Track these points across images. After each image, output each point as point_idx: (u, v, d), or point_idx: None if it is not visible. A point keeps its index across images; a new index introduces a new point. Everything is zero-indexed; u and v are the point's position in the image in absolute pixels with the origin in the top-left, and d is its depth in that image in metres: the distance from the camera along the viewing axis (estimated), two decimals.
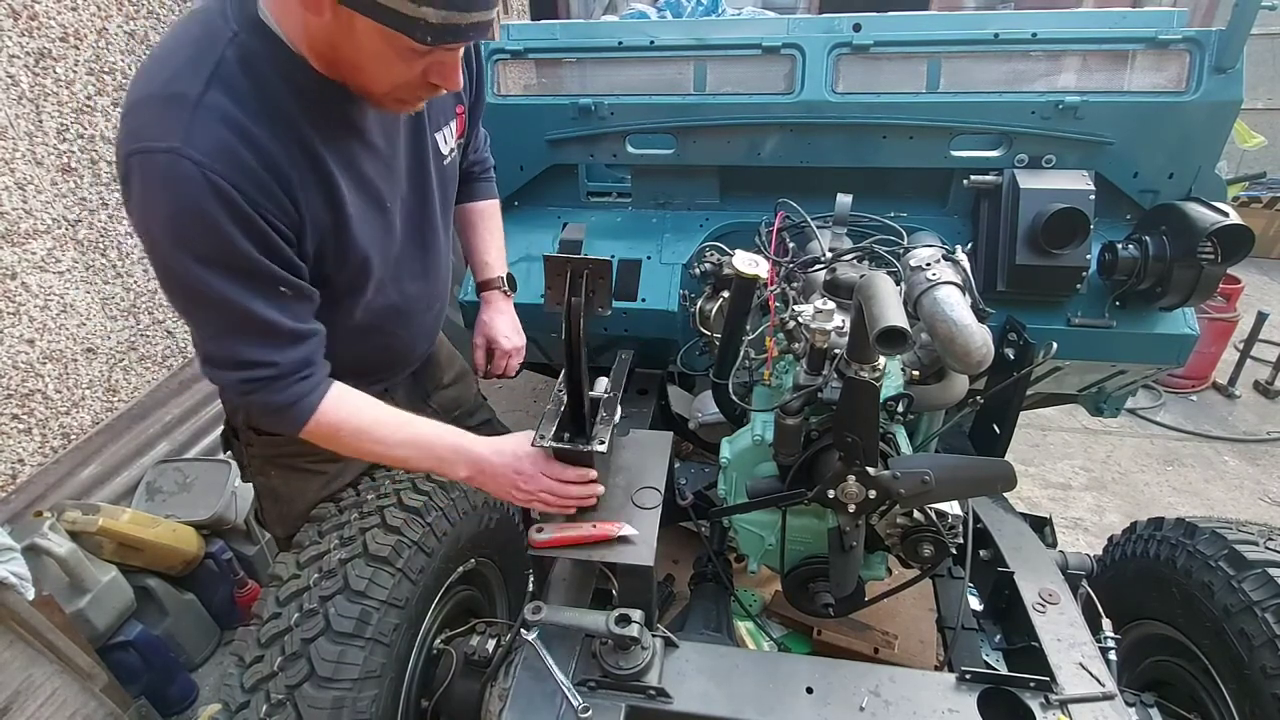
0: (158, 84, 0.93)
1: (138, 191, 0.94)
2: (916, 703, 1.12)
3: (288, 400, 1.08)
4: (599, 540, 1.25)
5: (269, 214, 1.00)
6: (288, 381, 1.07)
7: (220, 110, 0.93)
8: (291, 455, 1.40)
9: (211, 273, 0.97)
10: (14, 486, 2.05)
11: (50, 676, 1.71)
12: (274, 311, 1.03)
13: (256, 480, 1.48)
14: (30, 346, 2.06)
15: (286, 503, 1.46)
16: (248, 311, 1.01)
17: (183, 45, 0.96)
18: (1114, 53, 1.60)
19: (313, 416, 1.10)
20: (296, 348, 1.08)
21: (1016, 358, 1.59)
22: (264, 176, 0.98)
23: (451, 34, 0.90)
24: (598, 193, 2.07)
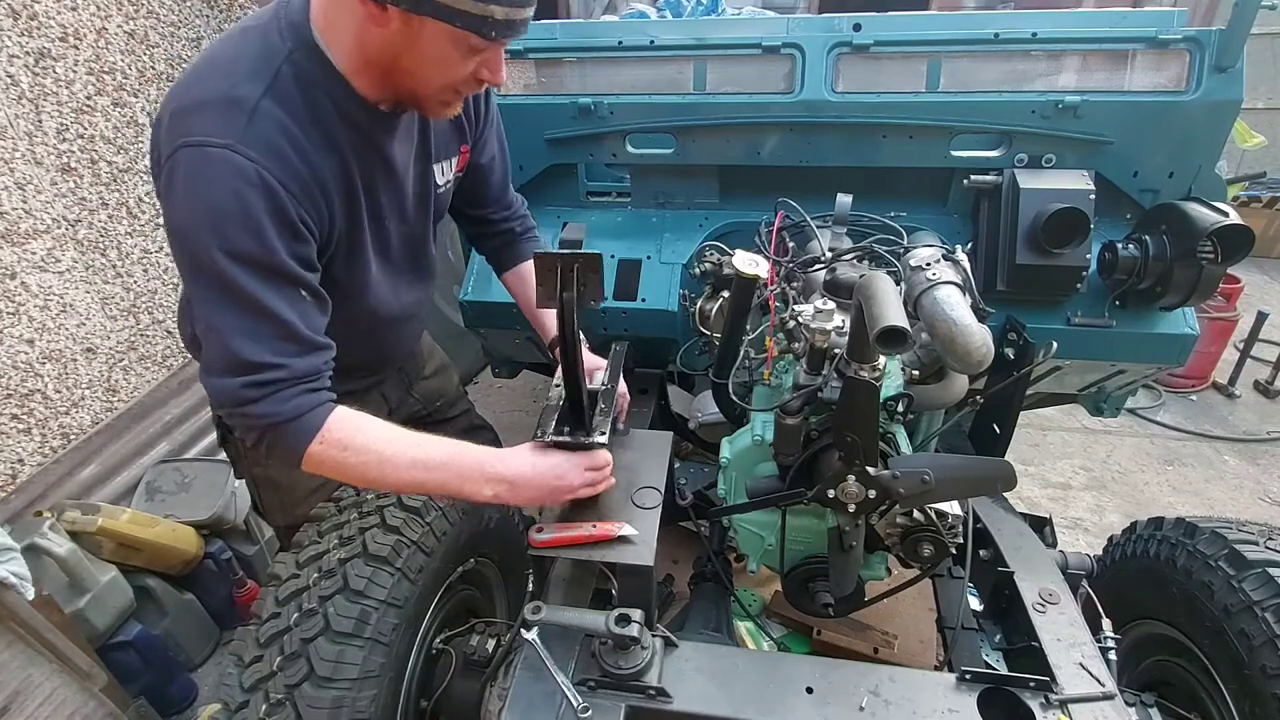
0: (217, 90, 0.99)
1: (182, 182, 0.98)
2: (916, 703, 1.12)
3: (294, 411, 1.04)
4: (599, 540, 1.25)
5: (305, 213, 1.05)
6: (296, 389, 1.05)
7: (275, 117, 1.00)
8: None
9: (241, 268, 0.99)
10: (14, 486, 2.05)
11: (49, 676, 1.71)
12: (293, 315, 1.04)
13: (254, 471, 1.49)
14: (30, 346, 2.06)
15: (286, 490, 1.48)
16: (269, 311, 1.02)
17: (241, 57, 1.02)
18: (1114, 52, 1.60)
19: (319, 432, 1.05)
20: (308, 356, 1.07)
21: (1016, 358, 1.59)
22: (308, 182, 1.04)
23: (511, 28, 0.98)
24: (597, 192, 2.06)
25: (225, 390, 1.04)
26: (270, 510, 1.54)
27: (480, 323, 1.98)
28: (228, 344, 1.02)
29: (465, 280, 1.94)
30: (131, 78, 2.27)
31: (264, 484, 1.50)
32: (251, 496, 1.60)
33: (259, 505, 1.59)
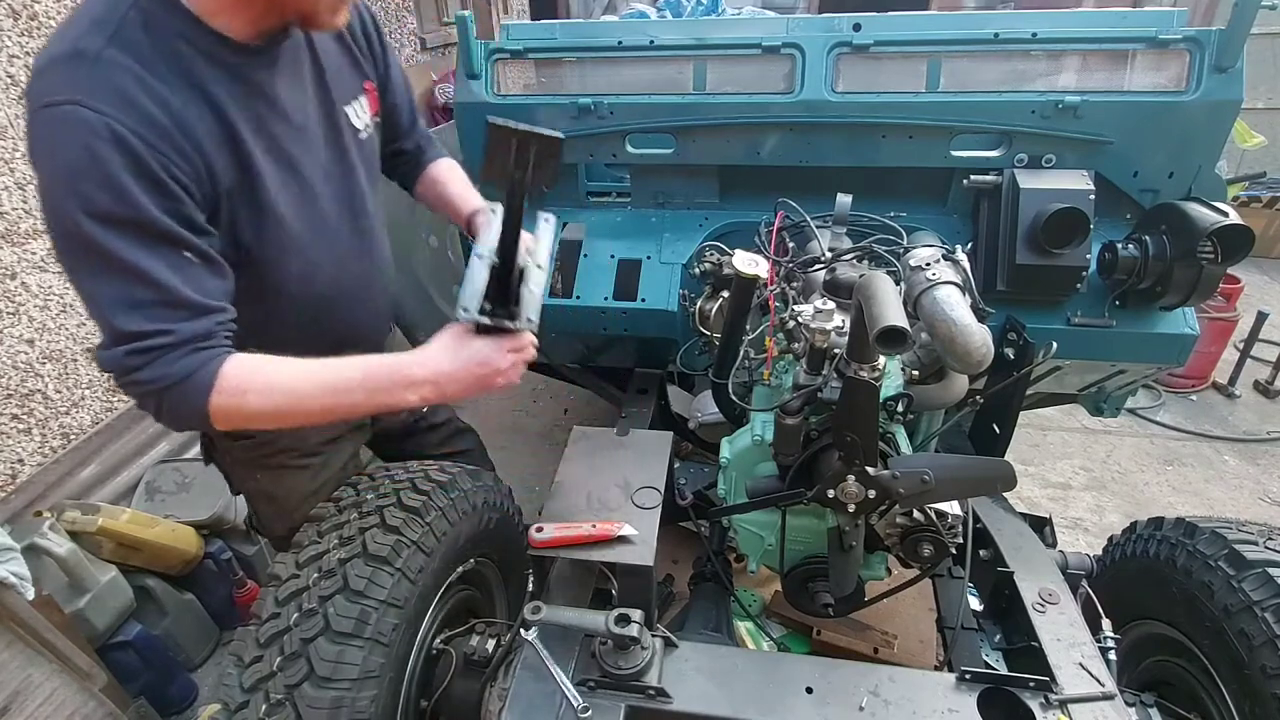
0: (62, 47, 0.93)
1: (37, 148, 0.92)
2: (916, 703, 1.12)
3: (182, 372, 0.97)
4: (599, 540, 1.26)
5: (173, 165, 0.96)
6: (183, 352, 0.98)
7: (121, 64, 0.93)
8: (274, 454, 1.39)
9: (108, 230, 0.92)
10: (14, 486, 2.05)
11: (49, 676, 1.71)
12: (175, 278, 0.97)
13: (245, 487, 1.46)
14: (30, 346, 2.06)
15: (280, 501, 1.46)
16: (145, 274, 0.95)
17: (85, 12, 0.95)
18: (1114, 52, 1.60)
19: (214, 386, 0.98)
20: (197, 320, 1.00)
21: (1016, 357, 1.59)
22: (167, 126, 0.95)
23: None
24: (597, 192, 2.07)
25: (109, 360, 0.98)
26: (268, 521, 1.51)
27: None
28: (105, 315, 0.97)
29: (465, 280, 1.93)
30: None
31: (258, 497, 1.48)
32: (249, 511, 1.57)
33: (255, 519, 1.56)
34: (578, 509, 1.36)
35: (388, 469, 1.40)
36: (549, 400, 3.90)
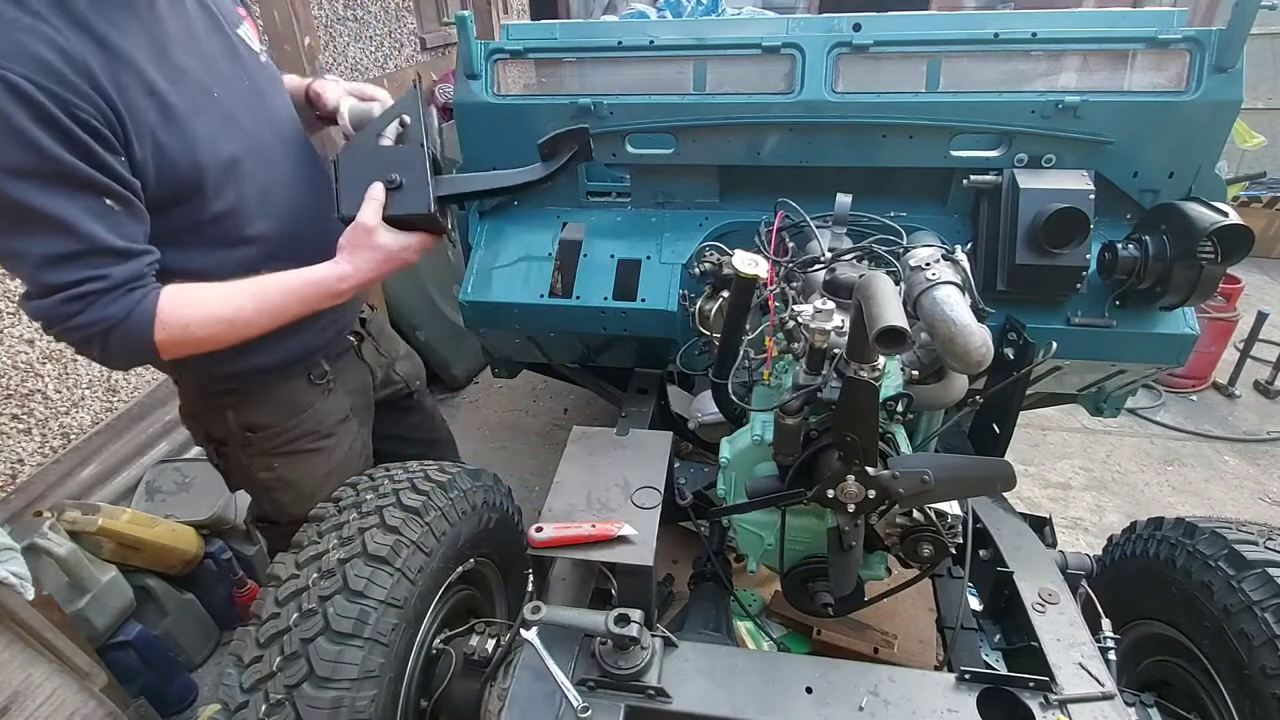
0: None
1: None
2: (916, 702, 1.12)
3: (122, 311, 1.00)
4: (598, 540, 1.26)
5: (78, 109, 0.96)
6: (118, 294, 1.01)
7: (6, 17, 0.93)
8: (293, 439, 1.43)
9: (27, 184, 0.93)
10: (14, 486, 2.05)
11: (49, 676, 1.71)
12: (99, 226, 0.99)
13: (261, 476, 1.47)
14: (30, 346, 2.06)
15: (298, 486, 1.49)
16: (70, 225, 0.96)
17: None
18: (1114, 52, 1.60)
19: (155, 320, 1.03)
20: (127, 264, 1.03)
21: (1016, 357, 1.59)
22: (62, 70, 0.94)
23: None
24: (597, 192, 2.06)
25: (42, 309, 0.99)
26: (287, 508, 1.52)
27: (480, 323, 1.98)
28: (33, 272, 0.97)
29: (465, 280, 1.94)
30: None
31: (276, 485, 1.49)
32: (259, 502, 1.56)
33: (268, 508, 1.55)
34: (578, 509, 1.36)
35: (388, 469, 1.40)
36: (549, 400, 3.91)
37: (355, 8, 3.94)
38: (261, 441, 1.41)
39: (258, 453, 1.43)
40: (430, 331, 3.75)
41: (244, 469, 1.47)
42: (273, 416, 1.41)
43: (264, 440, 1.41)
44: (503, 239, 1.97)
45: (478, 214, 1.99)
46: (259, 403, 1.39)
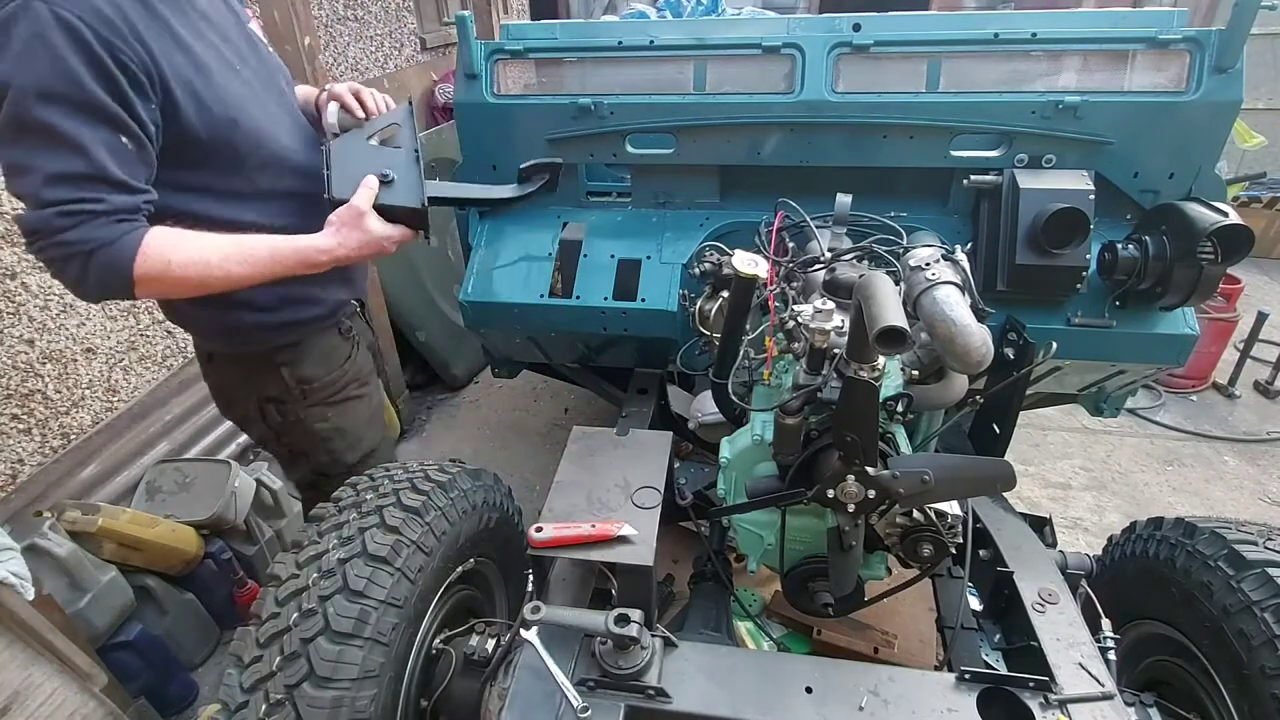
0: None
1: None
2: (916, 702, 1.12)
3: (109, 236, 1.07)
4: (598, 540, 1.26)
5: (120, 53, 1.06)
6: (110, 219, 1.08)
7: None
8: (339, 389, 1.57)
9: (57, 108, 1.02)
10: (14, 486, 2.05)
11: (50, 676, 1.71)
12: (110, 159, 1.07)
13: (317, 427, 1.57)
14: (30, 346, 2.06)
15: (350, 431, 1.62)
16: (84, 149, 1.04)
17: None
18: (1114, 53, 1.60)
19: (139, 251, 1.09)
20: (126, 196, 1.10)
21: (1016, 358, 1.59)
22: (111, 17, 1.06)
23: None
24: (597, 192, 2.07)
25: (37, 220, 1.05)
26: (341, 455, 1.63)
27: (480, 323, 1.98)
28: (37, 187, 1.04)
29: (465, 280, 1.94)
30: None
31: (332, 435, 1.59)
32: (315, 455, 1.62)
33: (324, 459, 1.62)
34: (578, 509, 1.36)
35: (388, 469, 1.41)
36: (549, 400, 3.90)
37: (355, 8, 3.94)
38: (316, 393, 1.51)
39: (313, 404, 1.53)
40: (430, 331, 3.75)
41: (301, 424, 1.55)
42: (321, 369, 1.52)
43: (318, 391, 1.51)
44: (503, 239, 1.97)
45: (478, 214, 1.99)
46: (307, 356, 1.50)
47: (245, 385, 1.51)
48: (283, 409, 1.53)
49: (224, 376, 1.54)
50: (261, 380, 1.49)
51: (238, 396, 1.55)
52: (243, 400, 1.54)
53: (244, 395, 1.53)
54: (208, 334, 1.49)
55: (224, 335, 1.46)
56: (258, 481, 2.42)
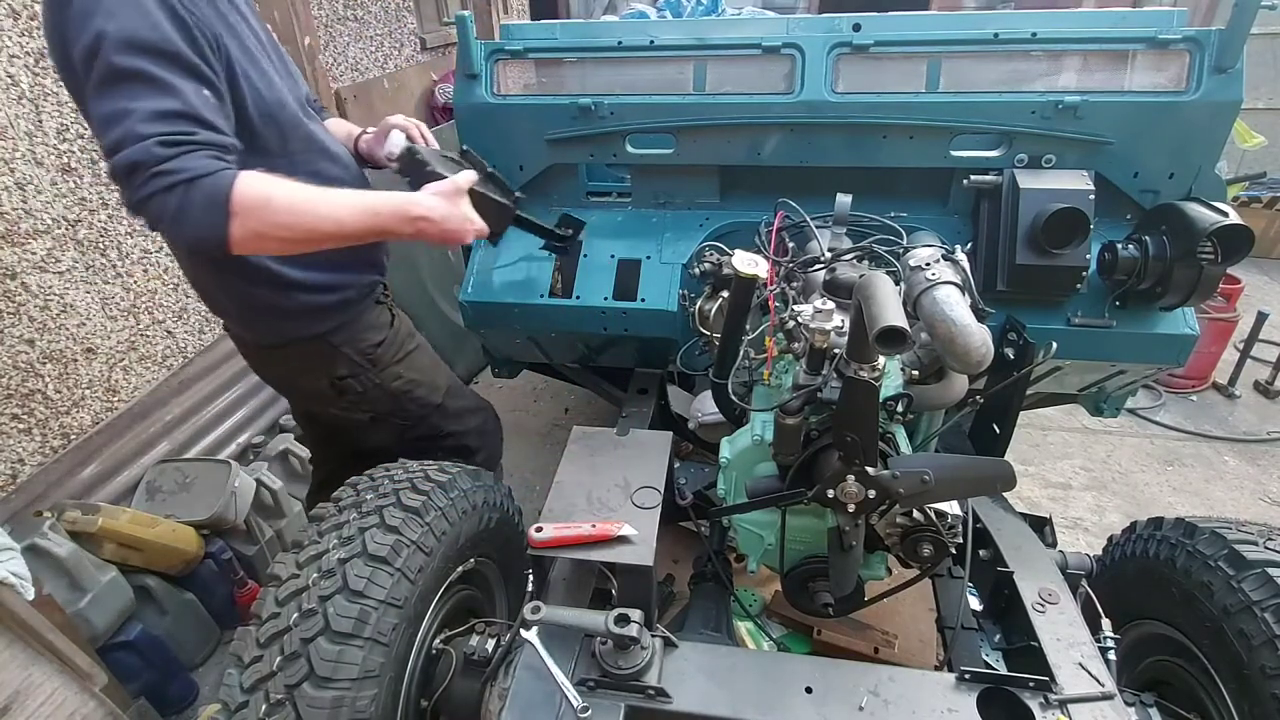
0: None
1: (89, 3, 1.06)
2: (916, 702, 1.12)
3: (206, 168, 1.07)
4: (598, 540, 1.26)
5: (200, 23, 1.14)
6: (207, 152, 1.09)
7: None
8: (399, 346, 1.64)
9: (150, 59, 1.07)
10: (14, 486, 2.05)
11: (50, 676, 1.71)
12: (198, 102, 1.11)
13: (395, 385, 1.65)
14: (30, 346, 2.06)
15: (425, 376, 1.72)
16: (177, 91, 1.09)
17: None
18: (1114, 53, 1.60)
19: (237, 184, 1.09)
20: (219, 136, 1.13)
21: (1016, 358, 1.59)
22: None
23: None
24: (598, 192, 2.07)
25: (138, 153, 1.04)
26: (426, 396, 1.71)
27: (480, 323, 1.98)
28: (136, 124, 1.05)
29: (465, 280, 1.94)
30: None
31: (410, 385, 1.67)
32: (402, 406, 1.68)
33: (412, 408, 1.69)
34: (578, 509, 1.36)
35: (388, 469, 1.41)
36: (549, 400, 3.90)
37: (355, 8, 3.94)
38: (382, 357, 1.59)
39: (384, 366, 1.60)
40: (430, 331, 3.74)
41: (380, 387, 1.61)
42: (376, 334, 1.59)
43: (383, 353, 1.59)
44: (503, 239, 1.97)
45: None
46: (360, 329, 1.57)
47: (312, 371, 1.55)
48: (358, 380, 1.58)
49: (287, 365, 1.57)
50: (327, 363, 1.54)
51: (306, 383, 1.59)
52: (312, 385, 1.58)
53: (313, 380, 1.57)
54: (265, 320, 1.49)
55: (281, 319, 1.47)
56: (258, 481, 2.42)
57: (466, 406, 1.89)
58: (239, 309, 1.49)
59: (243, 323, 1.53)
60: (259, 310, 1.47)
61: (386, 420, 1.70)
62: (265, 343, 1.54)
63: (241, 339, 1.59)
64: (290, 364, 1.57)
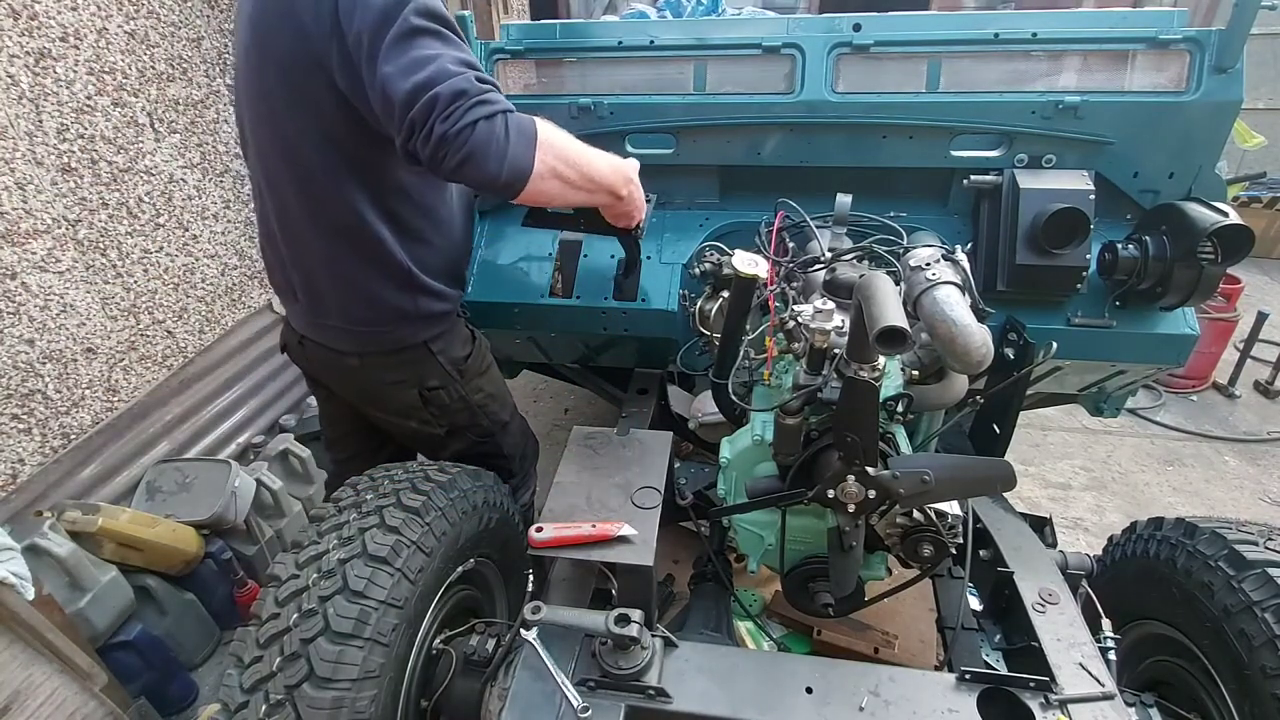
0: None
1: None
2: (916, 703, 1.12)
3: (511, 106, 1.17)
4: (598, 540, 1.26)
5: None
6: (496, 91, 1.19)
7: None
8: (480, 360, 1.70)
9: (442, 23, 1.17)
10: (14, 486, 2.05)
11: (50, 676, 1.71)
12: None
13: (477, 398, 1.68)
14: (30, 346, 2.06)
15: (499, 394, 1.77)
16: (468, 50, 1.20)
17: None
18: (1114, 53, 1.60)
19: (537, 121, 1.20)
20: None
21: (1016, 358, 1.59)
22: None
23: None
24: None
25: (461, 82, 1.12)
26: (496, 415, 1.75)
27: (480, 323, 1.98)
28: (448, 63, 1.13)
29: (470, 279, 1.94)
30: (131, 78, 2.27)
31: (487, 400, 1.72)
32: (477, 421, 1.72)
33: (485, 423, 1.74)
34: (578, 509, 1.36)
35: (388, 469, 1.40)
36: (549, 400, 3.91)
37: None
38: (470, 368, 1.64)
39: (470, 378, 1.65)
40: None
41: (464, 399, 1.65)
42: (465, 347, 1.65)
43: (471, 365, 1.64)
44: (503, 239, 1.97)
45: (478, 213, 1.99)
46: (454, 340, 1.62)
47: (406, 381, 1.58)
48: (447, 391, 1.62)
49: (379, 374, 1.57)
50: (424, 371, 1.57)
51: (396, 394, 1.60)
52: (402, 397, 1.60)
53: (404, 392, 1.59)
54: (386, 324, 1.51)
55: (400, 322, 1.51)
56: (258, 481, 2.42)
57: (523, 429, 1.94)
58: (366, 310, 1.48)
59: (366, 325, 1.51)
60: (384, 312, 1.48)
61: (461, 434, 1.72)
62: (372, 350, 1.53)
63: (338, 352, 1.56)
64: (387, 374, 1.57)
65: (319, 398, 1.85)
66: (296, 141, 1.29)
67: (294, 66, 1.22)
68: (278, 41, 1.22)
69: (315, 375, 1.72)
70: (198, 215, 2.58)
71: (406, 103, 1.11)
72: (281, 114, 1.28)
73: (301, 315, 1.55)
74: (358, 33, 1.14)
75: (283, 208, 1.40)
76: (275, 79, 1.26)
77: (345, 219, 1.35)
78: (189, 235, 2.55)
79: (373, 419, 1.73)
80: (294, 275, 1.48)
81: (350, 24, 1.14)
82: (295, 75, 1.23)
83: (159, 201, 2.41)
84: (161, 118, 2.39)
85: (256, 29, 1.25)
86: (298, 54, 1.20)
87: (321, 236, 1.39)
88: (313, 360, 1.64)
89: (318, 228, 1.38)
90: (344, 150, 1.28)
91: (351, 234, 1.37)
